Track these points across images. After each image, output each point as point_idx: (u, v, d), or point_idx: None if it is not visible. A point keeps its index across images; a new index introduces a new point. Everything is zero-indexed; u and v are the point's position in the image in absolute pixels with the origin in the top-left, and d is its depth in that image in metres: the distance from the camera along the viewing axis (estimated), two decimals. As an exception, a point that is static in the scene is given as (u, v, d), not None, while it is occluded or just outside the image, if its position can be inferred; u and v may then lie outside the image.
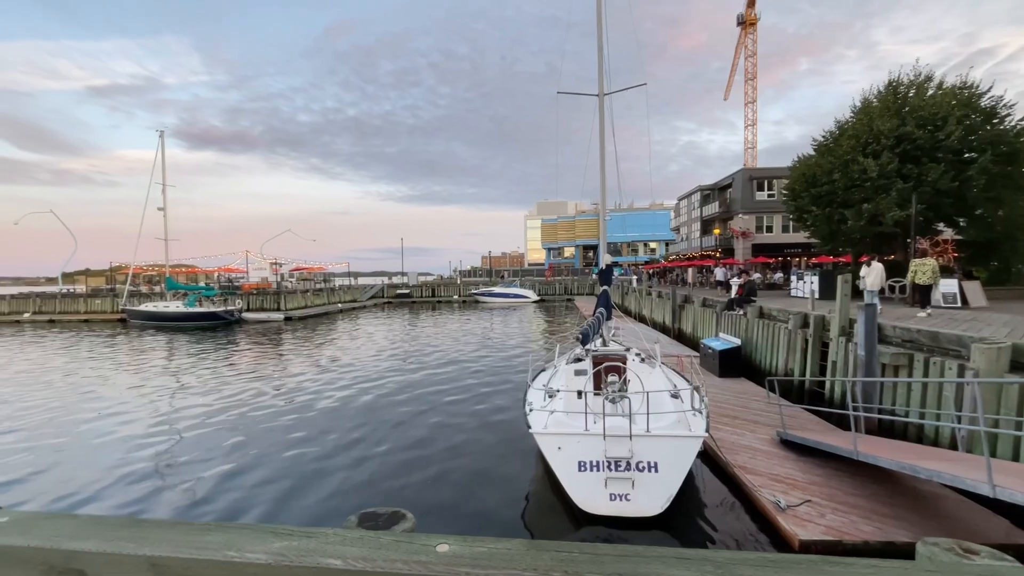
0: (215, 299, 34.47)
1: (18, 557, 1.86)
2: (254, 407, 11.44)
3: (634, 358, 9.57)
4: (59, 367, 17.50)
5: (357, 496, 6.79)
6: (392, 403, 11.61)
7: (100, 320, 35.65)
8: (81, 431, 9.97)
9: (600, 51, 12.87)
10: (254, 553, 1.63)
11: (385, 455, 8.31)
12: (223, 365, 17.26)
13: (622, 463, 5.72)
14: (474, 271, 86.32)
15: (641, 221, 71.59)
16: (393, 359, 17.70)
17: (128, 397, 12.81)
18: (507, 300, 49.18)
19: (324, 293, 44.31)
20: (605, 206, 13.53)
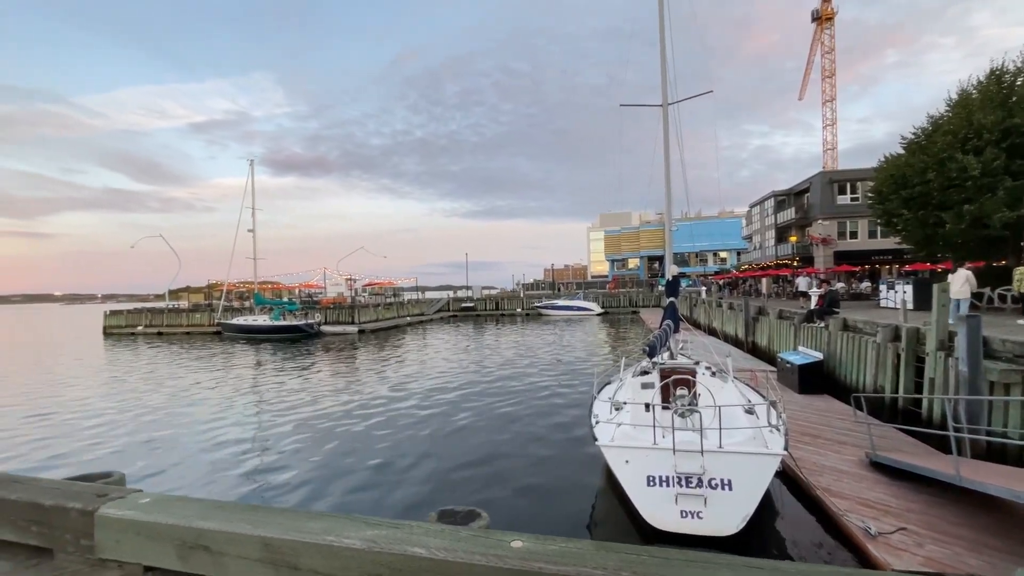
0: (297, 313, 36.99)
1: (159, 532, 2.19)
2: (336, 412, 12.17)
3: (704, 371, 9.26)
4: (171, 373, 19.51)
5: (432, 495, 7.07)
6: (461, 412, 11.92)
7: (199, 332, 39.27)
8: (194, 428, 11.07)
9: (663, 60, 12.74)
10: (350, 539, 1.83)
11: (456, 460, 8.57)
12: (307, 374, 18.48)
13: (693, 479, 5.56)
14: (537, 284, 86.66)
15: (710, 230, 68.88)
16: (461, 370, 18.15)
17: (229, 401, 14.05)
18: (570, 313, 48.89)
19: (394, 307, 46.24)
20: (671, 216, 13.24)
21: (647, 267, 78.17)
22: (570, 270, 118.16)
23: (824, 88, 59.89)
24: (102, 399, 14.94)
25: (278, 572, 1.97)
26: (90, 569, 2.32)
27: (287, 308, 37.48)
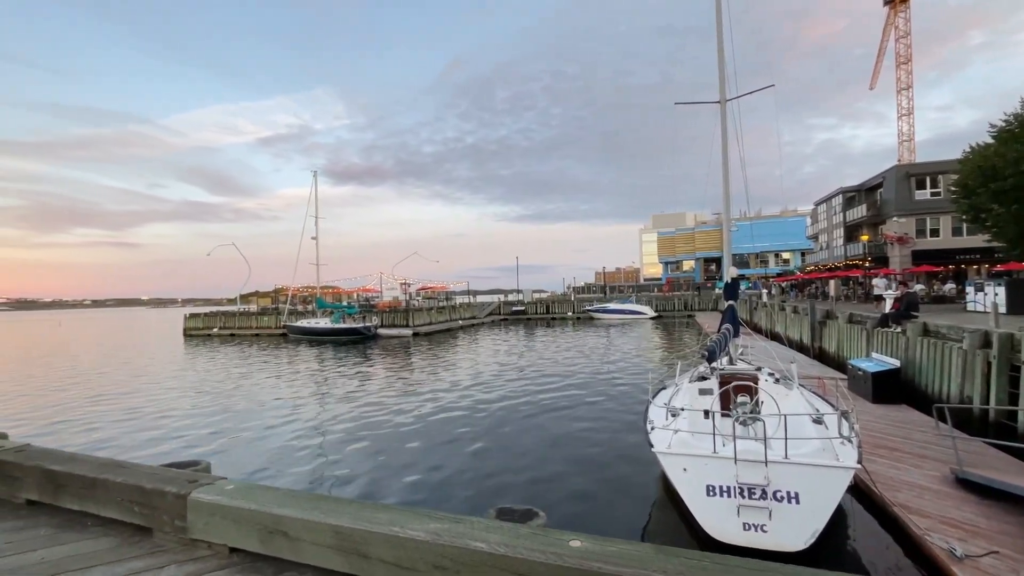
0: (355, 316, 38.53)
1: (243, 517, 2.38)
2: (393, 411, 12.59)
3: (767, 378, 8.85)
4: (244, 372, 20.87)
5: (486, 494, 7.18)
6: (513, 414, 12.02)
7: (267, 334, 41.71)
8: (265, 422, 11.81)
9: (720, 55, 12.33)
10: (414, 531, 1.92)
11: (509, 460, 8.67)
12: (366, 374, 19.22)
13: (756, 490, 5.34)
14: (587, 287, 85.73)
15: (771, 230, 65.66)
16: (512, 372, 18.28)
17: (297, 398, 14.86)
18: (622, 316, 48.02)
19: (447, 310, 47.18)
20: (729, 216, 12.77)
21: (703, 269, 75.50)
22: (621, 273, 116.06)
23: (899, 76, 55.70)
24: (186, 395, 16.19)
25: (348, 559, 2.09)
26: (183, 548, 2.56)
27: (346, 311, 39.12)
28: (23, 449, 3.51)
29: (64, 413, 13.91)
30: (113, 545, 2.68)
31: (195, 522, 2.52)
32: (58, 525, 2.95)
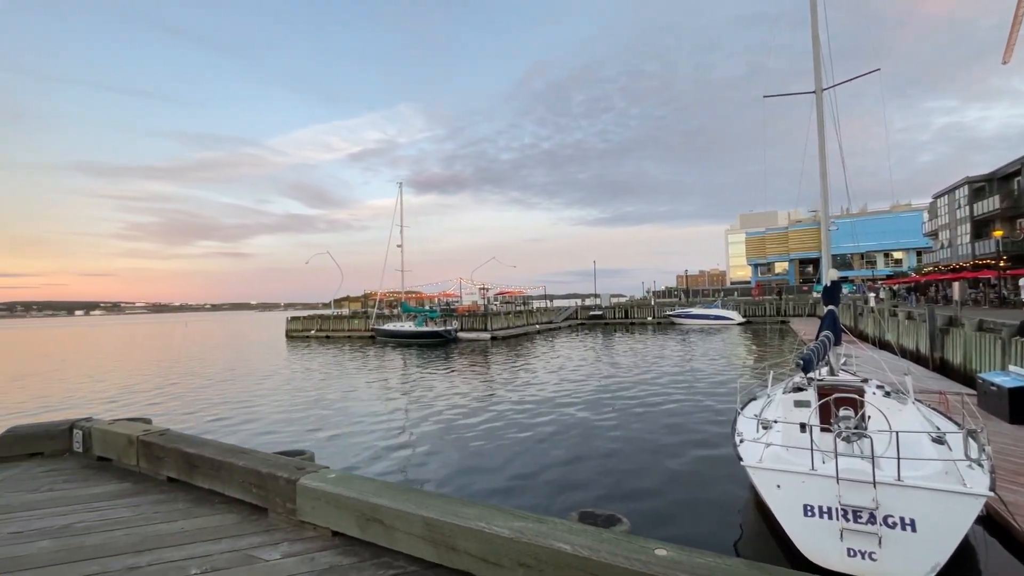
0: (437, 320, 40.02)
1: (343, 503, 2.59)
2: (474, 411, 12.95)
3: (875, 391, 8.03)
4: (340, 371, 22.48)
5: (564, 497, 7.17)
6: (592, 418, 11.89)
7: (357, 336, 44.50)
8: (358, 417, 12.67)
9: (815, 41, 11.44)
10: (499, 527, 2.00)
11: (587, 465, 8.59)
12: (448, 375, 19.93)
13: (863, 514, 4.87)
14: (669, 291, 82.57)
15: (879, 227, 59.37)
16: (591, 377, 18.06)
17: (387, 396, 15.77)
18: (707, 322, 45.67)
19: (524, 315, 47.59)
20: (827, 213, 11.77)
21: (798, 271, 69.88)
22: (706, 276, 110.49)
23: (1041, 45, 48.09)
24: (290, 390, 17.73)
25: (438, 550, 2.21)
26: (293, 528, 2.83)
27: (429, 315, 40.76)
28: (164, 433, 4.06)
29: (191, 402, 15.78)
30: (236, 521, 3.03)
31: (303, 505, 2.79)
32: (192, 500, 3.38)
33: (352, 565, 2.36)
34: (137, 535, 2.87)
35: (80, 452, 4.44)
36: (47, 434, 4.57)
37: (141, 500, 3.42)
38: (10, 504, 3.47)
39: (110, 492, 3.62)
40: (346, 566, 2.35)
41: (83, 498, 3.53)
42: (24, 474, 4.08)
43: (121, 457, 4.07)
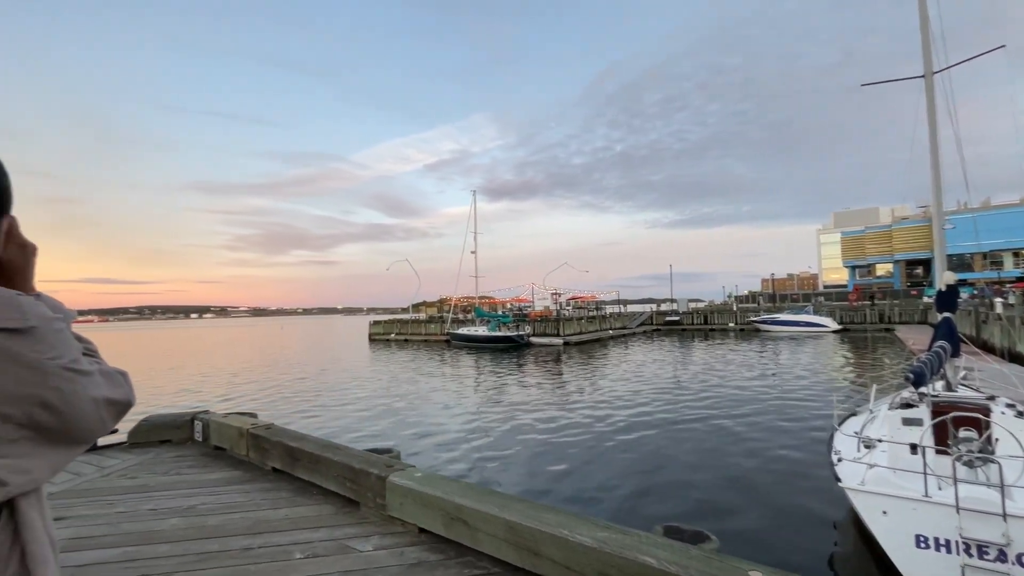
0: (510, 325, 40.50)
1: (429, 502, 2.71)
2: (549, 416, 12.97)
3: (1004, 410, 7.06)
4: (422, 375, 23.46)
5: (646, 510, 6.97)
6: (673, 429, 11.47)
7: (433, 340, 46.09)
8: (437, 418, 13.15)
9: (923, 17, 10.34)
10: (582, 536, 2.01)
11: (665, 477, 8.30)
12: (522, 380, 20.12)
13: (990, 550, 4.30)
14: (752, 296, 77.70)
15: (1006, 222, 52.14)
16: (669, 385, 17.43)
17: (464, 398, 16.23)
18: (796, 329, 42.42)
19: (596, 320, 46.88)
20: (941, 208, 10.55)
21: (904, 273, 63.01)
22: (795, 279, 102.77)
23: None
24: (374, 390, 18.75)
25: (520, 554, 2.26)
26: (383, 522, 3.01)
27: (502, 320, 41.34)
28: (270, 427, 4.47)
29: (289, 398, 17.15)
30: (332, 512, 3.27)
31: (392, 502, 2.96)
32: (294, 490, 3.70)
33: (438, 562, 2.47)
34: (249, 519, 3.19)
35: (200, 441, 5.00)
36: (174, 424, 5.19)
37: (251, 487, 3.79)
38: (147, 484, 3.98)
39: (225, 478, 4.04)
40: (433, 563, 2.47)
41: (204, 482, 3.98)
42: (156, 458, 4.67)
43: (233, 447, 4.53)
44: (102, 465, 4.46)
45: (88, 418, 0.72)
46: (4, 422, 0.62)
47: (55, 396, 0.66)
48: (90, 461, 4.57)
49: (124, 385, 0.82)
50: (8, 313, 0.63)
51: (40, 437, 0.66)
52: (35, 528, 0.67)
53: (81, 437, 0.73)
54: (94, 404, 0.73)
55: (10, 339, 0.62)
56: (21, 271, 0.82)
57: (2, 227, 0.77)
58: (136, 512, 3.37)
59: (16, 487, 0.64)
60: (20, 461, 0.64)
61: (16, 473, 0.63)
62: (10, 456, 0.63)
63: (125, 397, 0.81)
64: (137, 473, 4.26)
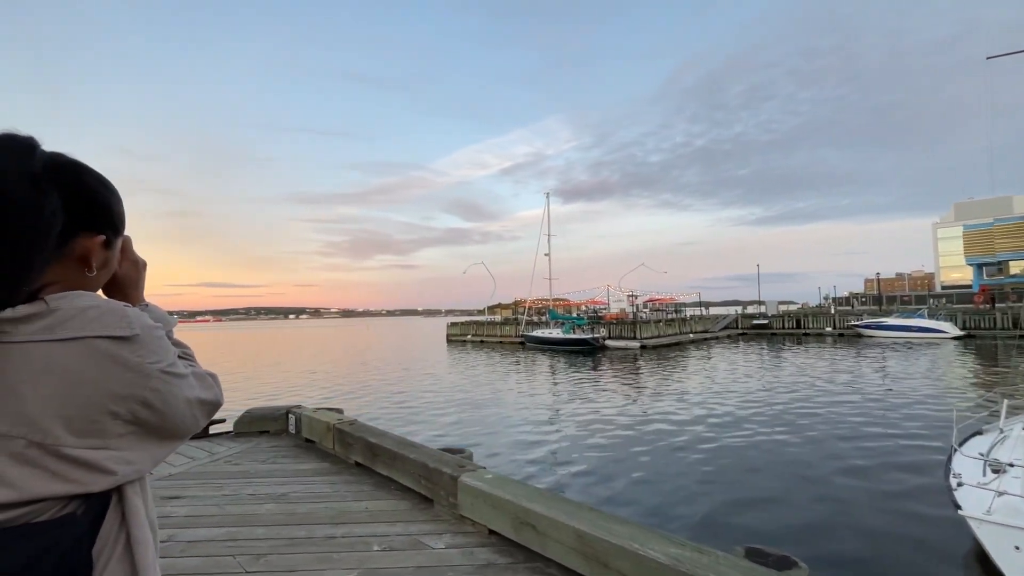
0: (584, 327, 40.04)
1: (498, 504, 2.73)
2: (627, 423, 12.66)
3: None
4: (497, 376, 23.88)
5: (727, 530, 6.58)
6: (761, 443, 10.71)
7: (508, 342, 46.65)
8: (511, 420, 13.32)
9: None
10: (654, 552, 1.92)
11: (755, 496, 7.76)
12: (598, 383, 19.82)
13: None
14: (854, 297, 70.82)
15: None
16: (757, 394, 16.34)
17: (538, 401, 16.31)
18: (908, 335, 38.02)
19: (675, 323, 45.04)
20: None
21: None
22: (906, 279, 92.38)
23: None
24: (449, 389, 19.36)
25: (589, 564, 2.21)
26: (455, 521, 3.08)
27: (576, 323, 40.97)
28: (354, 423, 4.74)
29: (372, 394, 18.16)
30: (408, 508, 3.40)
31: (463, 501, 3.02)
32: (374, 484, 3.89)
33: (507, 565, 2.48)
34: (334, 509, 3.40)
35: (293, 433, 5.42)
36: (271, 416, 5.68)
37: (336, 479, 4.05)
38: (248, 471, 4.38)
39: (314, 469, 4.35)
40: (501, 565, 2.49)
41: (295, 472, 4.31)
42: (256, 447, 5.12)
43: (322, 440, 4.86)
44: (212, 451, 4.97)
45: (183, 416, 0.79)
46: (113, 419, 0.70)
47: (155, 396, 0.74)
48: (203, 447, 5.12)
49: (214, 386, 0.90)
50: (116, 322, 0.71)
51: (143, 432, 0.74)
52: (138, 513, 0.75)
53: (177, 433, 0.81)
54: (188, 403, 0.80)
55: (117, 345, 0.70)
56: (133, 284, 0.94)
57: (117, 246, 0.87)
58: (238, 496, 3.72)
59: (123, 476, 0.72)
60: (126, 453, 0.72)
61: (123, 464, 0.71)
62: (118, 449, 0.71)
63: (215, 397, 0.89)
64: (240, 460, 4.70)
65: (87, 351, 0.67)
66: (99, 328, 0.69)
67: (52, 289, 0.72)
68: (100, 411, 0.68)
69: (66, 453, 0.65)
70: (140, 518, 0.75)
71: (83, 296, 0.72)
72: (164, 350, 0.77)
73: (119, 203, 0.87)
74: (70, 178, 0.77)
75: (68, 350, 0.66)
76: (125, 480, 0.72)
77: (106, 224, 0.82)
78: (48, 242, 0.70)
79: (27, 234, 0.67)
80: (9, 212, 0.65)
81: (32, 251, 0.68)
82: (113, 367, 0.69)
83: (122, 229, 0.88)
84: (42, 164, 0.72)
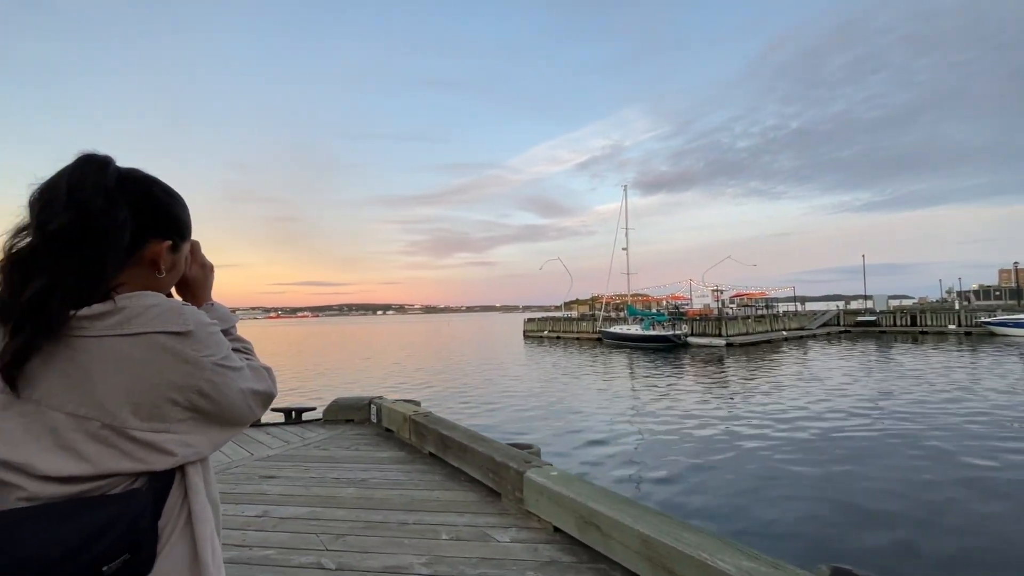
0: (665, 324, 38.59)
1: (563, 502, 2.70)
2: (709, 424, 12.04)
3: None
4: (571, 372, 23.80)
5: (811, 548, 6.04)
6: (865, 455, 9.67)
7: (585, 339, 46.13)
8: (582, 417, 13.20)
9: None
10: (725, 564, 1.80)
11: (851, 514, 7.04)
12: (680, 382, 19.05)
13: None
14: (984, 291, 61.94)
15: None
16: (864, 401, 14.83)
17: (612, 398, 16.01)
18: (1057, 334, 32.59)
19: (767, 320, 42.06)
20: None
21: None
22: (1054, 270, 78.97)
23: None
24: (523, 384, 19.54)
25: (655, 571, 2.11)
26: (521, 516, 3.09)
27: (656, 319, 39.59)
28: (428, 415, 4.91)
29: (450, 387, 18.79)
30: (476, 499, 3.46)
31: (529, 497, 3.02)
32: (445, 475, 4.01)
33: (571, 564, 2.44)
34: (407, 497, 3.55)
35: (375, 423, 5.73)
36: (355, 406, 6.04)
37: (411, 468, 4.22)
38: (334, 456, 4.70)
39: (392, 457, 4.57)
40: (565, 564, 2.45)
41: (375, 459, 4.55)
42: (342, 435, 5.48)
43: (399, 430, 5.09)
44: (304, 436, 5.39)
45: (237, 405, 0.86)
46: (172, 406, 0.77)
47: (209, 386, 0.80)
48: (296, 432, 5.57)
49: (267, 379, 0.96)
50: (174, 319, 0.79)
51: (201, 418, 0.81)
52: (199, 491, 0.82)
53: (233, 420, 0.88)
54: (241, 394, 0.86)
55: (174, 340, 0.77)
56: (201, 285, 1.03)
57: (184, 250, 0.95)
58: (323, 479, 4.00)
59: (182, 457, 0.79)
60: (185, 437, 0.79)
61: (183, 446, 0.79)
62: (178, 432, 0.78)
63: (267, 389, 0.94)
64: (327, 445, 5.05)
65: (149, 345, 0.75)
66: (159, 324, 0.76)
67: (125, 289, 0.81)
68: (161, 398, 0.75)
69: (133, 435, 0.74)
70: (201, 496, 0.82)
71: (148, 296, 0.80)
72: (218, 344, 0.83)
73: (184, 211, 0.95)
74: (139, 190, 0.86)
75: (134, 344, 0.75)
76: (185, 461, 0.80)
77: (172, 230, 0.91)
78: (119, 248, 0.79)
79: (101, 241, 0.77)
80: (86, 222, 0.75)
81: (105, 256, 0.77)
82: (172, 359, 0.76)
83: (188, 235, 0.96)
84: (115, 178, 0.81)
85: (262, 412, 0.98)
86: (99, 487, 0.73)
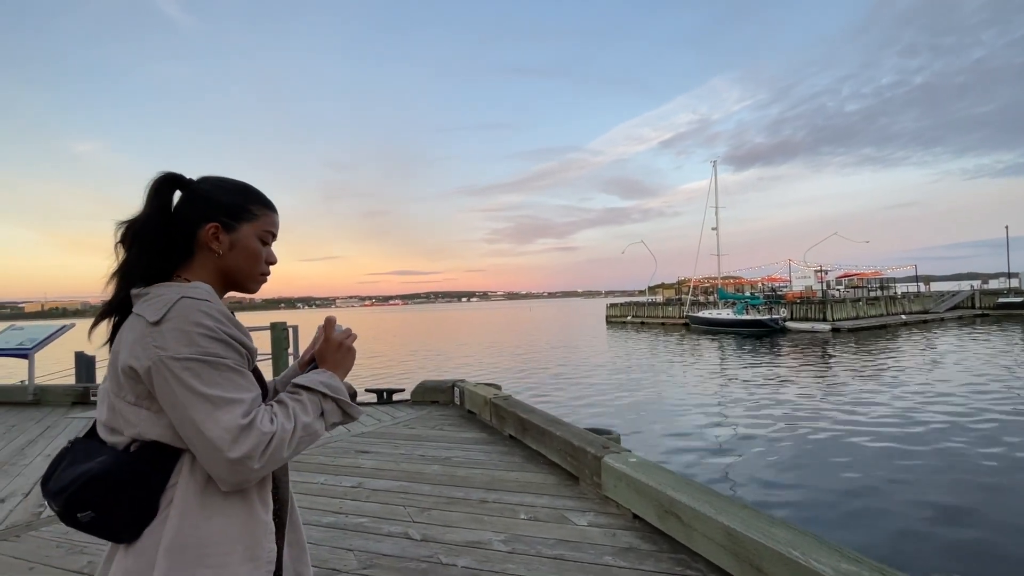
0: (760, 308, 36.03)
1: (642, 489, 2.63)
2: (811, 417, 11.14)
3: None
4: (654, 357, 23.11)
5: (926, 554, 5.39)
6: (1005, 460, 8.46)
7: (671, 324, 44.39)
8: (665, 405, 12.79)
9: None
10: (821, 565, 1.65)
11: (979, 522, 6.18)
12: (776, 371, 17.78)
13: None
14: None
15: None
16: (1001, 398, 12.91)
17: (700, 387, 15.34)
18: None
19: (881, 302, 37.78)
20: None
21: None
22: None
23: None
24: (606, 370, 19.26)
25: (741, 566, 2.00)
26: (599, 501, 3.06)
27: (750, 302, 37.07)
28: (508, 398, 5.01)
29: (533, 370, 19.00)
30: (555, 482, 3.48)
31: (607, 482, 2.98)
32: (524, 457, 4.07)
33: (650, 552, 2.38)
34: (488, 476, 3.65)
35: (458, 404, 5.94)
36: (440, 388, 6.30)
37: (491, 449, 4.34)
38: (420, 435, 4.95)
39: (473, 438, 4.72)
40: (644, 552, 2.39)
41: (458, 439, 4.73)
42: (428, 415, 5.75)
43: (480, 412, 5.24)
44: (394, 415, 5.73)
45: (176, 410, 0.86)
46: (127, 379, 0.86)
47: (151, 376, 0.83)
48: (387, 412, 5.93)
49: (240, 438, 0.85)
50: (155, 309, 0.85)
51: (153, 405, 0.85)
52: (188, 483, 0.86)
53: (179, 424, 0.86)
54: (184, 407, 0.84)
55: (144, 326, 0.85)
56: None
57: (240, 231, 0.99)
58: (411, 456, 4.23)
59: (128, 436, 0.87)
60: (138, 415, 0.87)
61: (128, 425, 0.87)
62: (134, 408, 0.86)
63: (217, 438, 0.88)
64: (415, 424, 5.33)
65: (132, 326, 0.88)
66: (144, 310, 0.87)
67: (198, 269, 0.97)
68: (123, 372, 0.86)
69: (111, 400, 0.89)
70: (188, 488, 0.85)
71: (170, 287, 0.90)
72: (182, 344, 0.82)
73: (229, 195, 1.00)
74: (191, 187, 1.00)
75: (132, 323, 0.88)
76: (139, 437, 0.85)
77: (217, 212, 0.98)
78: (160, 240, 0.94)
79: (145, 234, 0.94)
80: (132, 223, 0.95)
81: (152, 248, 0.93)
82: (137, 342, 0.85)
83: (241, 216, 0.99)
84: (166, 183, 0.98)
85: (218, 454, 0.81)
86: (122, 441, 0.87)
